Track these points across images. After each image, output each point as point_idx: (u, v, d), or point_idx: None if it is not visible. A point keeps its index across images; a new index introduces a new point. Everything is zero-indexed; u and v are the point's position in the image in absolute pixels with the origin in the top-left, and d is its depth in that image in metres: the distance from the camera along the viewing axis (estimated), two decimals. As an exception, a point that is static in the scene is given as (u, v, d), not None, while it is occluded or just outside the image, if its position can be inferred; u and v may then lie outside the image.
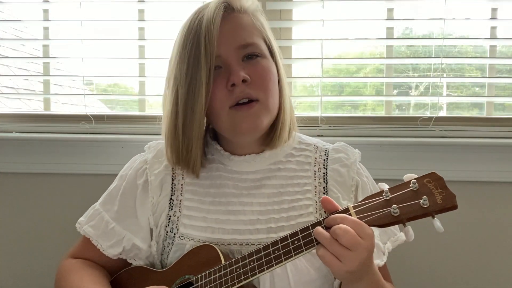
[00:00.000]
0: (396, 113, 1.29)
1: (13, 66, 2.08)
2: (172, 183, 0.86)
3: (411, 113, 1.35)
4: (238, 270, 0.71)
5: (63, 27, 1.33)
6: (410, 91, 1.36)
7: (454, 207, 0.63)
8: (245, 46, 0.78)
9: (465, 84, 1.36)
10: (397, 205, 0.65)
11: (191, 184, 0.86)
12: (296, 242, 0.68)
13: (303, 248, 0.68)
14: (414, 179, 0.67)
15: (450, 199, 0.64)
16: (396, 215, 0.65)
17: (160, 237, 0.85)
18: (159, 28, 1.31)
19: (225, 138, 0.86)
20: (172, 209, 0.85)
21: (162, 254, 0.86)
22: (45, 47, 1.32)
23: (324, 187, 0.84)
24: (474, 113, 1.33)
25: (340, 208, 0.70)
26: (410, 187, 0.67)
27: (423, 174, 1.17)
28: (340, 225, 0.64)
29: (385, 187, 0.69)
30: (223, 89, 0.77)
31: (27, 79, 2.01)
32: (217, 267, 0.74)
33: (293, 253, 0.68)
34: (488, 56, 1.25)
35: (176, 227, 0.84)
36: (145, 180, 0.87)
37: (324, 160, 0.87)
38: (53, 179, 1.24)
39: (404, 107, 1.38)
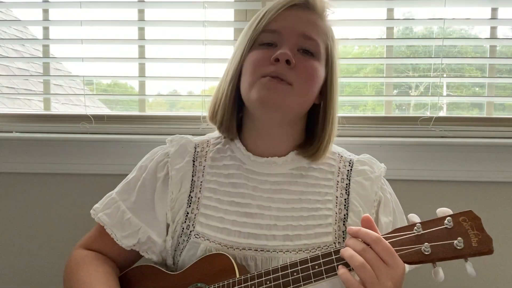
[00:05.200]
0: (396, 113, 1.29)
1: (13, 66, 2.08)
2: (192, 179, 0.86)
3: (411, 113, 1.35)
4: (253, 287, 0.70)
5: (63, 27, 1.33)
6: (410, 91, 1.36)
7: (490, 251, 0.60)
8: (306, 38, 0.80)
9: (465, 84, 1.36)
10: (429, 243, 0.62)
11: (211, 182, 0.85)
12: (317, 267, 0.66)
13: (324, 275, 0.65)
14: (449, 216, 0.64)
15: (487, 243, 0.60)
16: (427, 253, 0.62)
17: (175, 233, 0.84)
18: (159, 28, 1.31)
19: (249, 132, 0.87)
20: (190, 206, 0.84)
21: (175, 250, 0.85)
22: (45, 47, 1.32)
23: (345, 199, 0.83)
24: (474, 113, 1.32)
25: (379, 232, 0.67)
26: (444, 225, 0.63)
27: (423, 173, 1.18)
28: (376, 236, 0.63)
29: (416, 219, 0.66)
30: (266, 59, 0.78)
31: (27, 79, 2.01)
32: (231, 281, 0.72)
33: (312, 279, 0.66)
34: (488, 56, 1.25)
35: (192, 224, 0.83)
36: (166, 174, 0.86)
37: (348, 171, 0.85)
38: (53, 179, 1.24)
39: (404, 107, 1.38)
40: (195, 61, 1.26)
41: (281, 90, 0.77)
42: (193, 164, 0.87)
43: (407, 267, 0.79)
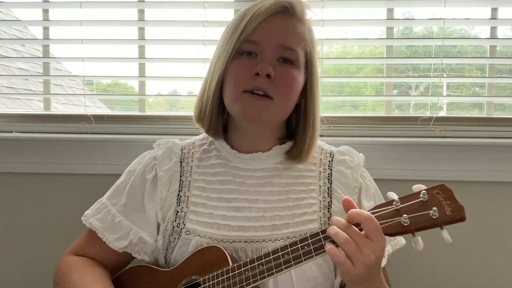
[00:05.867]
0: (396, 113, 1.29)
1: (13, 66, 2.08)
2: (180, 179, 0.88)
3: (411, 113, 1.35)
4: (246, 272, 0.72)
5: (63, 27, 1.33)
6: (410, 91, 1.36)
7: (463, 219, 0.64)
8: (285, 48, 0.81)
9: (465, 84, 1.36)
10: (407, 215, 0.66)
11: (199, 181, 0.88)
12: (306, 247, 0.69)
13: (313, 254, 0.69)
14: (424, 190, 0.68)
15: (459, 211, 0.65)
16: (406, 224, 0.66)
17: (166, 232, 0.86)
18: (159, 28, 1.31)
19: (234, 133, 0.89)
20: (179, 205, 0.87)
21: (167, 249, 0.87)
22: (45, 47, 1.32)
23: (328, 187, 0.87)
24: (474, 113, 1.32)
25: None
26: (420, 198, 0.67)
27: (423, 173, 1.18)
28: (367, 214, 0.67)
29: (395, 196, 0.70)
30: (247, 72, 0.80)
31: (27, 79, 2.01)
32: (225, 269, 0.75)
33: (303, 258, 0.69)
34: (488, 56, 1.25)
35: (183, 222, 0.85)
36: (154, 175, 0.88)
37: (329, 161, 0.89)
38: (53, 179, 1.24)
39: (404, 107, 1.38)
40: (195, 61, 1.26)
41: (262, 106, 0.80)
42: (181, 165, 0.90)
43: (390, 249, 0.86)
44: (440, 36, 1.20)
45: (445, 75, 1.24)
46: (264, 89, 0.79)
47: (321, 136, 1.18)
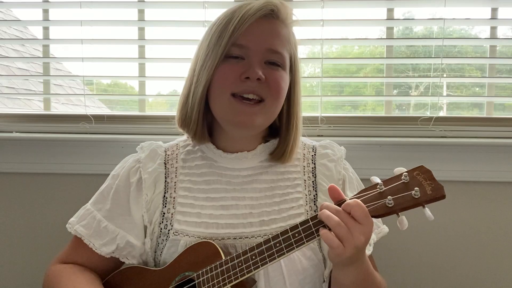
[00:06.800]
0: (396, 113, 1.29)
1: (13, 66, 2.08)
2: (165, 181, 0.88)
3: (411, 113, 1.35)
4: (240, 264, 0.73)
5: (63, 27, 1.33)
6: (410, 91, 1.36)
7: (443, 197, 0.67)
8: (273, 52, 0.82)
9: (465, 84, 1.36)
10: (391, 196, 0.69)
11: (185, 181, 0.88)
12: (296, 235, 0.71)
13: (304, 240, 0.70)
14: (405, 172, 0.70)
15: (439, 190, 0.67)
16: (390, 206, 0.68)
17: (154, 234, 0.86)
18: (159, 28, 1.31)
19: (219, 135, 0.90)
20: (165, 206, 0.86)
21: (155, 251, 0.87)
22: (45, 47, 1.32)
23: (313, 181, 0.88)
24: (474, 113, 1.33)
25: (345, 197, 0.72)
26: (401, 180, 0.70)
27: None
28: (354, 201, 0.68)
29: (378, 180, 0.72)
30: (235, 76, 0.80)
31: (27, 79, 2.01)
32: (218, 263, 0.75)
33: (294, 245, 0.70)
34: (488, 56, 1.25)
35: (170, 223, 0.85)
36: (139, 178, 0.88)
37: (312, 156, 0.91)
38: (53, 179, 1.25)
39: (404, 107, 1.38)
40: (195, 61, 1.26)
41: (253, 112, 0.81)
42: (165, 166, 0.90)
43: (375, 237, 0.88)
44: (440, 36, 1.20)
45: (445, 75, 1.24)
46: (255, 91, 0.80)
47: (321, 136, 1.19)
